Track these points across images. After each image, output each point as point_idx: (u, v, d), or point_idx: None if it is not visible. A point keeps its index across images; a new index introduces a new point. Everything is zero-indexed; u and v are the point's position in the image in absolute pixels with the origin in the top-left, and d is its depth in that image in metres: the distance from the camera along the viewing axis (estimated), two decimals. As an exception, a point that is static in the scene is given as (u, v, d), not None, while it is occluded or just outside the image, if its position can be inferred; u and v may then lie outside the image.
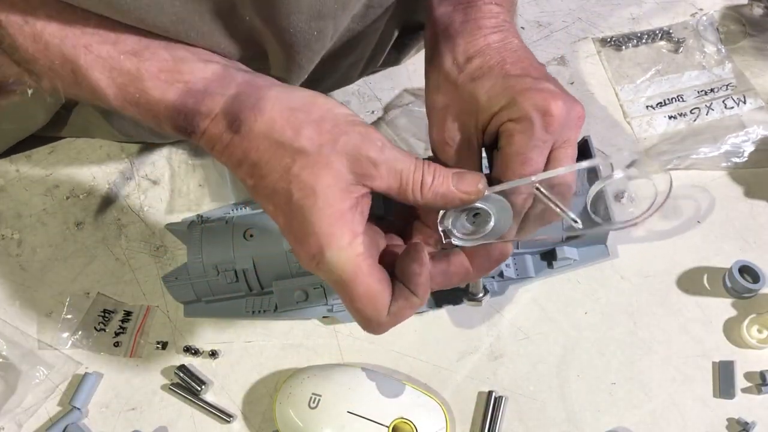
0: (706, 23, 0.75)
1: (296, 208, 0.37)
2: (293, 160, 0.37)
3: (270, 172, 0.38)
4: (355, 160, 0.37)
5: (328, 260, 0.37)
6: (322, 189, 0.37)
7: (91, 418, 0.57)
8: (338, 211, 0.37)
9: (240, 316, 0.60)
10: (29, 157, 0.69)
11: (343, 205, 0.37)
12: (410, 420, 0.53)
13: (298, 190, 0.37)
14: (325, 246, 0.37)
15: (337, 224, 0.37)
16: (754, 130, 0.67)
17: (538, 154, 0.42)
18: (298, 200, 0.37)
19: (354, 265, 0.37)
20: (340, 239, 0.37)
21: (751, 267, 0.59)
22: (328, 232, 0.37)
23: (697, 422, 0.55)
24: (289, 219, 0.38)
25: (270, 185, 0.38)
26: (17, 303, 0.62)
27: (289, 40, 0.48)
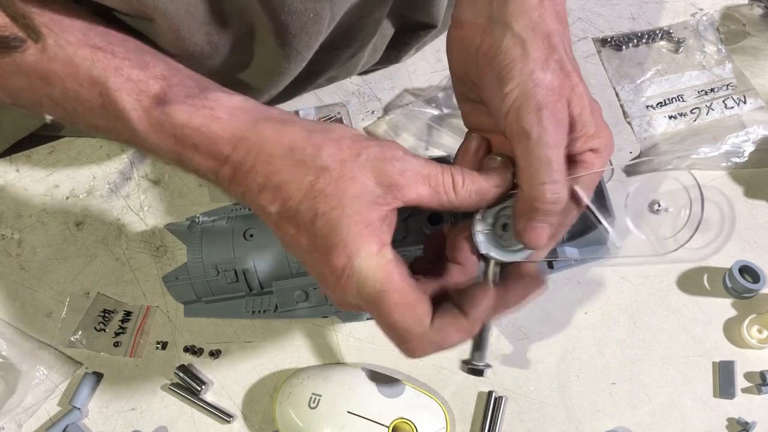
0: (706, 23, 0.75)
1: (322, 222, 0.37)
2: (316, 177, 0.37)
3: (294, 192, 0.37)
4: (380, 171, 0.37)
5: (357, 269, 0.36)
6: (349, 199, 0.36)
7: (91, 418, 0.57)
8: (366, 220, 0.36)
9: (240, 316, 0.60)
10: (29, 157, 0.69)
11: (371, 215, 0.37)
12: (410, 420, 0.53)
13: (323, 204, 0.37)
14: (353, 254, 0.36)
15: (365, 232, 0.36)
16: (754, 130, 0.67)
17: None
18: (324, 213, 0.36)
19: (386, 271, 0.36)
20: (369, 246, 0.36)
21: (751, 267, 0.59)
22: (357, 239, 0.36)
23: (697, 422, 0.55)
24: (313, 237, 0.37)
25: (293, 206, 0.37)
26: (17, 303, 0.62)
27: (285, 21, 0.48)
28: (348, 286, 0.37)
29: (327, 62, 0.63)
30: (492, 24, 0.42)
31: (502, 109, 0.41)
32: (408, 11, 0.65)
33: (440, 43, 0.75)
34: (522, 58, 0.40)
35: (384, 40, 0.67)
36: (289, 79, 0.57)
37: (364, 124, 0.71)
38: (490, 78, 0.42)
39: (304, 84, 0.67)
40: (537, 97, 0.39)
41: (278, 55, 0.52)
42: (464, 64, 0.45)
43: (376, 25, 0.61)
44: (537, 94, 0.40)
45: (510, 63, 0.40)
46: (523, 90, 0.40)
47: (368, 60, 0.68)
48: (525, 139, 0.40)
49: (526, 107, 0.40)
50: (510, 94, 0.40)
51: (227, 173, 0.39)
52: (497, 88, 0.41)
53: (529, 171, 0.40)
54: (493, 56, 0.41)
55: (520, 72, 0.40)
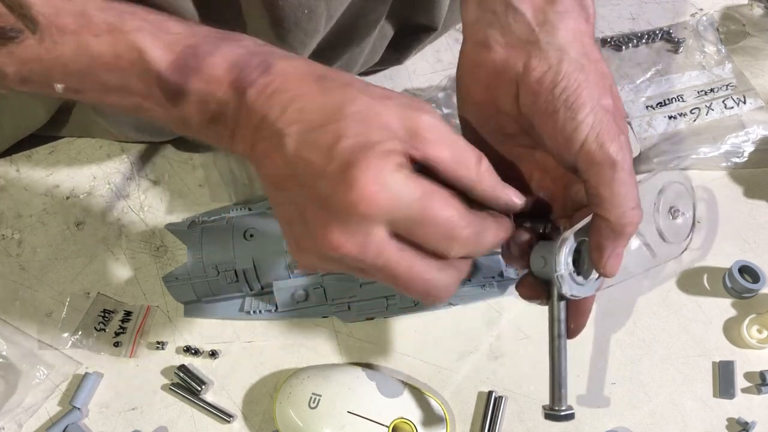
0: (706, 23, 0.75)
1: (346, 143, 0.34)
2: (344, 103, 0.35)
3: (318, 113, 0.35)
4: (408, 116, 0.35)
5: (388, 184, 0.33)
6: (375, 129, 0.34)
7: (91, 418, 0.57)
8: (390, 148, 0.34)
9: (240, 316, 0.60)
10: (29, 157, 0.69)
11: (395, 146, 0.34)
12: (410, 420, 0.53)
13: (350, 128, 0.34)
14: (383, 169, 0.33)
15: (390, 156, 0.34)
16: (754, 130, 0.67)
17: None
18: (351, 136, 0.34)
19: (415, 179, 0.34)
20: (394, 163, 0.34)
21: (751, 267, 0.59)
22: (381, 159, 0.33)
23: (697, 422, 0.55)
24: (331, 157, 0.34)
25: (317, 126, 0.35)
26: (17, 303, 0.62)
27: (279, 16, 0.48)
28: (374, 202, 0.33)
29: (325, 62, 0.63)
30: (540, 48, 0.41)
31: (575, 138, 0.40)
32: (409, 13, 0.65)
33: (440, 44, 0.75)
34: (586, 84, 0.40)
35: (384, 41, 0.67)
36: None
37: (364, 124, 0.70)
38: (557, 107, 0.40)
39: None
40: (613, 126, 0.39)
41: None
42: (494, 91, 0.43)
43: (375, 25, 0.61)
44: (611, 122, 0.39)
45: (577, 89, 0.40)
46: (597, 118, 0.39)
47: (367, 60, 0.68)
48: (610, 168, 0.39)
49: (608, 134, 0.39)
50: (585, 121, 0.39)
51: (251, 98, 0.36)
52: (568, 117, 0.40)
53: (616, 199, 0.39)
54: (553, 83, 0.40)
55: (589, 98, 0.39)
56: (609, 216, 0.40)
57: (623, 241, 0.40)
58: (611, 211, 0.40)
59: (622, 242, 0.40)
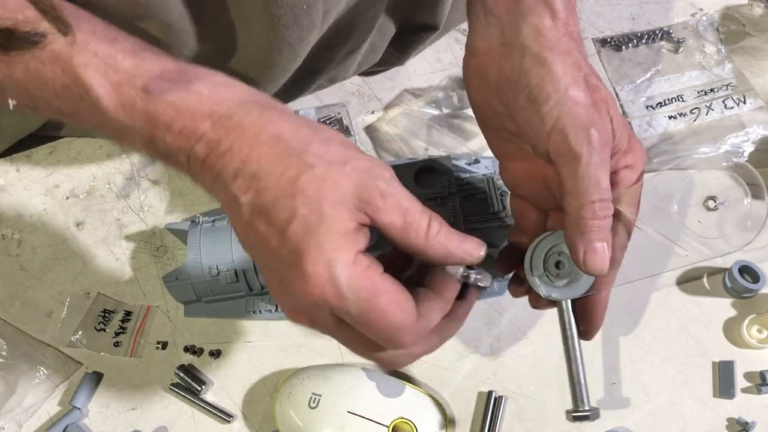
0: (706, 23, 0.75)
1: (298, 225, 0.34)
2: (298, 173, 0.35)
3: (271, 184, 0.35)
4: (363, 185, 0.35)
5: (338, 280, 0.34)
6: (329, 206, 0.34)
7: (91, 418, 0.57)
8: (344, 228, 0.35)
9: (240, 316, 0.60)
10: (29, 157, 0.69)
11: (349, 224, 0.35)
12: (410, 420, 0.53)
13: (302, 205, 0.34)
14: (332, 263, 0.34)
15: (343, 240, 0.34)
16: (754, 130, 0.67)
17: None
18: (303, 216, 0.34)
19: (368, 278, 0.35)
20: (347, 255, 0.34)
21: (751, 267, 0.59)
22: (335, 248, 0.34)
23: (697, 422, 0.55)
24: (285, 238, 0.35)
25: (269, 200, 0.35)
26: (17, 303, 0.62)
27: (276, 12, 0.48)
28: (321, 295, 0.34)
29: (324, 60, 0.63)
30: (507, 48, 0.42)
31: (541, 131, 0.40)
32: (411, 12, 0.65)
33: (440, 44, 0.75)
34: (549, 77, 0.40)
35: (384, 39, 0.67)
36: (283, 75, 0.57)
37: (364, 124, 0.71)
38: (521, 101, 0.41)
39: (304, 84, 0.66)
40: (581, 116, 0.39)
41: (270, 46, 0.52)
42: (483, 93, 0.44)
43: (373, 22, 0.61)
44: (580, 113, 0.39)
45: (539, 83, 0.40)
46: (562, 109, 0.39)
47: (367, 59, 0.68)
48: (574, 161, 0.39)
49: (572, 127, 0.39)
50: (549, 114, 0.39)
51: (201, 153, 0.36)
52: (532, 110, 0.40)
53: (578, 191, 0.39)
54: (516, 80, 0.41)
55: (554, 90, 0.39)
56: (569, 209, 0.40)
57: (593, 233, 0.39)
58: (571, 204, 0.40)
59: (592, 235, 0.39)
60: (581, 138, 0.39)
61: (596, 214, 0.39)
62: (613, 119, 0.41)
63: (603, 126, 0.39)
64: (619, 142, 0.42)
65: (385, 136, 0.69)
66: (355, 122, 0.70)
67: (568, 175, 0.39)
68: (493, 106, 0.44)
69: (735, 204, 0.42)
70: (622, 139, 0.42)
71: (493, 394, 0.56)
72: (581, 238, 0.40)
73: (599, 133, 0.39)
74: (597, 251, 0.40)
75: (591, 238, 0.40)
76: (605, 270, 0.40)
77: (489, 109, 0.45)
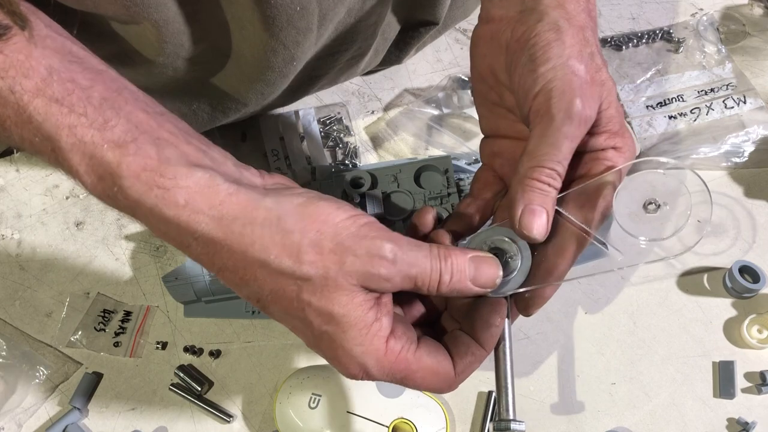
0: (707, 23, 0.75)
1: (319, 333, 0.36)
2: (299, 288, 0.35)
3: (279, 299, 0.36)
4: (366, 278, 0.35)
5: (375, 374, 0.37)
6: (340, 311, 0.35)
7: (91, 418, 0.57)
8: (364, 323, 0.36)
9: (240, 316, 0.60)
10: (29, 157, 0.69)
11: (368, 316, 0.36)
12: (410, 420, 0.53)
13: (315, 317, 0.36)
14: (367, 364, 0.37)
15: (368, 337, 0.36)
16: (754, 130, 0.67)
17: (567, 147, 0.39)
18: (320, 326, 0.36)
19: (404, 362, 0.37)
20: (377, 351, 0.36)
21: (751, 267, 0.59)
22: (364, 351, 0.36)
23: (697, 422, 0.55)
24: (316, 341, 0.37)
25: (282, 310, 0.36)
26: (17, 303, 0.62)
27: (269, 13, 0.48)
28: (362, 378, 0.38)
29: (327, 67, 0.63)
30: (526, 14, 0.42)
31: (531, 90, 0.40)
32: (412, 11, 0.65)
33: (440, 44, 0.75)
34: (557, 43, 0.40)
35: (386, 44, 0.67)
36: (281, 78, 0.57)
37: (364, 124, 0.71)
38: (523, 61, 0.41)
39: (304, 88, 0.66)
40: (573, 85, 0.39)
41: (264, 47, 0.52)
42: (491, 59, 0.44)
43: (375, 28, 0.61)
44: (573, 81, 0.39)
45: (545, 45, 0.40)
46: (558, 74, 0.39)
47: (369, 63, 0.68)
48: (547, 122, 0.39)
49: (558, 91, 0.39)
50: (543, 75, 0.39)
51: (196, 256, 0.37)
52: (529, 69, 0.40)
53: (535, 153, 0.39)
54: (526, 40, 0.41)
55: (557, 55, 0.39)
56: (521, 168, 0.39)
57: (536, 196, 0.39)
58: (524, 164, 0.39)
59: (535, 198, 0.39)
60: (562, 104, 0.38)
61: (543, 179, 0.39)
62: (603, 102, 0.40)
63: (588, 104, 0.39)
64: (610, 124, 0.41)
65: (385, 136, 0.69)
66: (355, 122, 0.70)
67: (535, 134, 0.39)
68: (496, 74, 0.44)
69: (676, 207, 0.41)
70: (612, 122, 0.41)
71: (493, 394, 0.56)
72: (522, 196, 0.39)
73: (583, 108, 0.39)
74: (535, 212, 0.39)
75: (531, 198, 0.39)
76: (540, 236, 0.39)
77: (492, 78, 0.45)
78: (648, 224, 0.41)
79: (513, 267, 0.41)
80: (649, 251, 0.42)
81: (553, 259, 0.41)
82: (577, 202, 0.41)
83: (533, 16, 0.41)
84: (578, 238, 0.41)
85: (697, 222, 0.40)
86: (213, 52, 0.54)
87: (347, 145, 0.69)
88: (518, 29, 0.42)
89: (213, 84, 0.58)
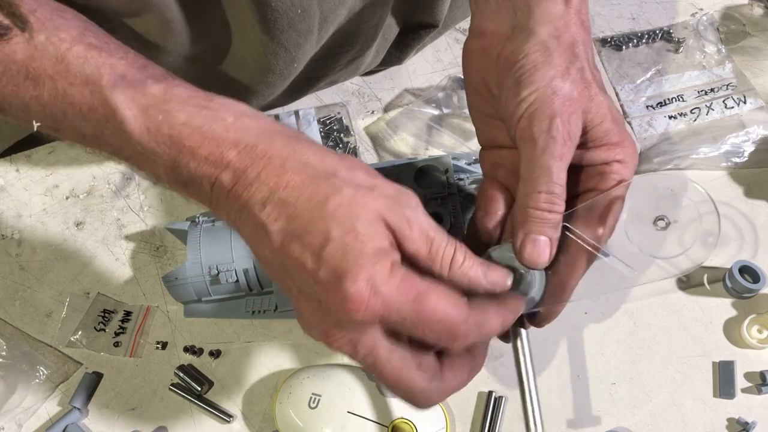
0: (707, 23, 0.75)
1: (335, 247, 0.34)
2: (327, 197, 0.34)
3: (302, 210, 0.34)
4: (391, 211, 0.35)
5: (383, 290, 0.34)
6: (362, 225, 0.34)
7: (91, 418, 0.57)
8: (379, 245, 0.34)
9: (240, 316, 0.60)
10: (29, 157, 0.69)
11: (383, 242, 0.35)
12: (410, 420, 0.53)
13: (336, 228, 0.34)
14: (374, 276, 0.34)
15: (379, 255, 0.34)
16: (754, 130, 0.67)
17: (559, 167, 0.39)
18: (338, 237, 0.34)
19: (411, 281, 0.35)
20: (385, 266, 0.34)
21: (751, 267, 0.59)
22: (374, 263, 0.34)
23: (697, 422, 0.55)
24: (321, 260, 0.34)
25: (302, 224, 0.34)
26: (17, 303, 0.62)
27: (271, 16, 0.48)
28: (368, 309, 0.34)
29: (327, 68, 0.63)
30: (516, 32, 0.42)
31: (515, 114, 0.40)
32: (412, 12, 0.65)
33: (440, 44, 0.75)
34: (543, 65, 0.39)
35: (386, 44, 0.67)
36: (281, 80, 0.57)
37: (364, 124, 0.71)
38: (508, 84, 0.41)
39: (304, 89, 0.66)
40: (552, 106, 0.39)
41: (265, 50, 0.52)
42: (483, 73, 0.44)
43: (375, 29, 0.61)
44: (554, 102, 0.39)
45: (531, 69, 0.40)
46: (539, 96, 0.39)
47: (370, 63, 0.68)
48: (531, 145, 0.39)
49: (539, 114, 0.39)
50: (526, 99, 0.39)
51: (227, 181, 0.36)
52: (514, 93, 0.40)
53: (528, 179, 0.39)
54: (514, 62, 0.41)
55: (540, 78, 0.39)
56: (518, 196, 0.39)
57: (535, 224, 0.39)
58: (521, 190, 0.39)
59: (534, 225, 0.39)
60: (543, 125, 0.38)
61: (540, 205, 0.38)
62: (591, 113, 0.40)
63: (572, 119, 0.39)
64: (607, 137, 0.41)
65: (385, 136, 0.69)
66: (355, 122, 0.70)
67: (524, 160, 0.39)
68: (490, 88, 0.44)
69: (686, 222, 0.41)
70: (610, 135, 0.41)
71: (493, 394, 0.56)
72: (521, 226, 0.39)
73: (563, 126, 0.38)
74: (536, 243, 0.39)
75: (530, 228, 0.39)
76: (541, 264, 0.39)
77: (486, 92, 0.45)
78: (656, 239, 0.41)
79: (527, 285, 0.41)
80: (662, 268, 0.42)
81: (565, 276, 0.41)
82: (586, 218, 0.41)
83: (522, 35, 0.41)
84: (588, 254, 0.41)
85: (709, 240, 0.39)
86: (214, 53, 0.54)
87: (347, 145, 0.69)
88: (507, 48, 0.42)
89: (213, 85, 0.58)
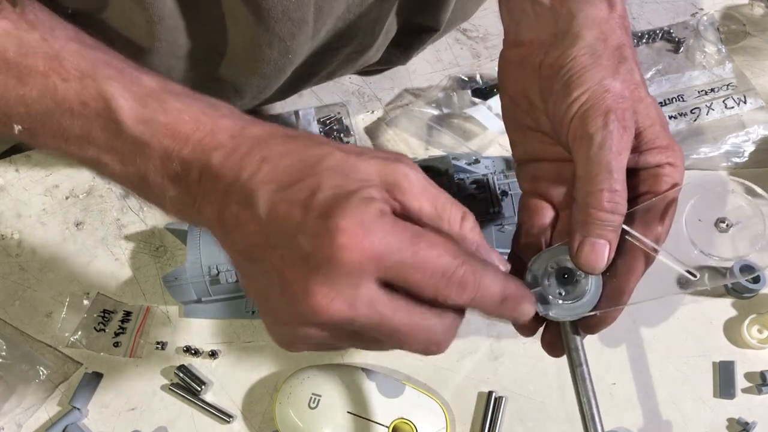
0: (707, 23, 0.75)
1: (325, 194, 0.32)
2: (319, 160, 0.33)
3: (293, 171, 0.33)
4: (385, 168, 0.33)
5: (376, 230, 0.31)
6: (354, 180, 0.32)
7: (91, 418, 0.57)
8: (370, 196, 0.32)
9: (240, 316, 0.60)
10: (29, 157, 0.69)
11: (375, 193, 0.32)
12: (410, 420, 0.53)
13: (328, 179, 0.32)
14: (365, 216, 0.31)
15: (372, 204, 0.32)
16: (755, 130, 0.67)
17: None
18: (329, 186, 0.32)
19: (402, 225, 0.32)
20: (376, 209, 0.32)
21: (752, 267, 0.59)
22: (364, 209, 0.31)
23: (697, 422, 0.55)
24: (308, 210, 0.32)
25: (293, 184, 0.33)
26: (17, 303, 0.62)
27: (266, 5, 0.48)
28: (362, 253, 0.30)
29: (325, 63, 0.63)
30: (559, 38, 0.41)
31: (567, 116, 0.39)
32: (413, 14, 0.65)
33: (440, 44, 0.75)
34: (593, 66, 0.39)
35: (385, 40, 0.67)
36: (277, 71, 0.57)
37: (364, 124, 0.71)
38: (557, 88, 0.40)
39: (302, 83, 0.66)
40: (606, 102, 0.38)
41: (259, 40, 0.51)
42: (523, 83, 0.43)
43: (375, 24, 0.61)
44: (606, 98, 0.38)
45: (580, 70, 0.39)
46: (591, 95, 0.38)
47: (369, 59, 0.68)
48: (587, 143, 0.38)
49: (593, 111, 0.38)
50: (578, 99, 0.39)
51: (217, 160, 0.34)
52: (564, 95, 0.39)
53: (587, 177, 0.38)
54: (561, 66, 0.40)
55: (591, 78, 0.39)
56: (576, 195, 0.38)
57: (595, 227, 0.37)
58: (579, 190, 0.38)
59: (594, 228, 0.37)
60: (599, 121, 0.38)
61: (603, 205, 0.37)
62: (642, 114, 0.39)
63: (626, 115, 0.38)
64: (658, 139, 0.40)
65: (385, 136, 0.69)
66: (355, 122, 0.70)
67: (580, 159, 0.38)
68: (530, 98, 0.43)
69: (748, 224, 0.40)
70: (660, 138, 0.40)
71: (493, 394, 0.56)
72: (580, 228, 0.38)
73: (620, 120, 0.38)
74: (594, 246, 0.37)
75: (590, 231, 0.37)
76: (598, 269, 0.38)
77: (525, 102, 0.44)
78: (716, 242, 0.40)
79: (583, 288, 0.40)
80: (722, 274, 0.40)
81: (623, 279, 0.40)
82: (642, 220, 0.40)
83: (567, 40, 0.40)
84: (646, 256, 0.40)
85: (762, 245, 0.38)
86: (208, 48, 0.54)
87: (347, 145, 0.68)
88: (552, 53, 0.41)
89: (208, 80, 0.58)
